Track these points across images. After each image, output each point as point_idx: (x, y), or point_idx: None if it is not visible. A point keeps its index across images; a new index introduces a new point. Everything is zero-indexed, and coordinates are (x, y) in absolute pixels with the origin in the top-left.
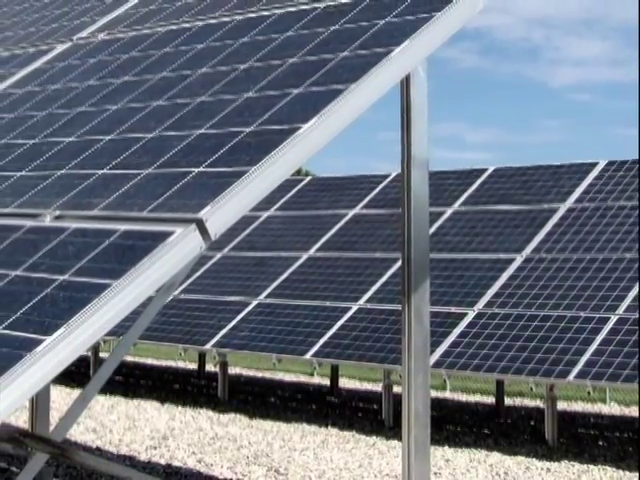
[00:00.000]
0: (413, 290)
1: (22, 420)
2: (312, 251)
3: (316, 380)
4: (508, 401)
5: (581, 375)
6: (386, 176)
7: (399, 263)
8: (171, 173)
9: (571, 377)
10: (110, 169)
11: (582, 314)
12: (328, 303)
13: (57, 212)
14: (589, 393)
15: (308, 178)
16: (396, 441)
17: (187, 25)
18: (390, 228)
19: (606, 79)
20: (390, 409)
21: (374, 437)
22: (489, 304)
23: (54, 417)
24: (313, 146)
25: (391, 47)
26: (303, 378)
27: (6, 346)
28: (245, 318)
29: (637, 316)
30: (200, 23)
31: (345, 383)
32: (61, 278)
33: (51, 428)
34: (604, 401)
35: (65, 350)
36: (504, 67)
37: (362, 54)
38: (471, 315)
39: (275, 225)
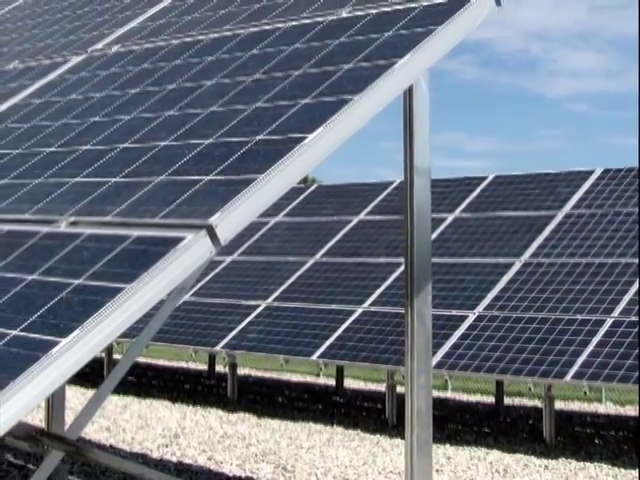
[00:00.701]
0: (416, 294)
1: (38, 419)
2: (318, 256)
3: (322, 380)
4: (507, 401)
5: (578, 376)
6: (390, 183)
7: (402, 268)
8: (182, 181)
9: (568, 377)
10: (123, 177)
11: (579, 317)
12: (334, 306)
13: (72, 218)
14: (585, 393)
15: (314, 185)
16: (399, 439)
17: (197, 38)
18: (394, 234)
19: (601, 90)
20: (393, 408)
21: (378, 435)
22: (489, 307)
23: (69, 416)
24: (319, 155)
25: (394, 59)
26: (309, 379)
27: (23, 348)
28: (253, 321)
29: (632, 319)
30: (209, 36)
31: (350, 383)
32: (76, 282)
33: (66, 427)
34: (600, 401)
35: (80, 351)
36: (503, 78)
37: (366, 66)
38: (472, 318)
39: (282, 231)
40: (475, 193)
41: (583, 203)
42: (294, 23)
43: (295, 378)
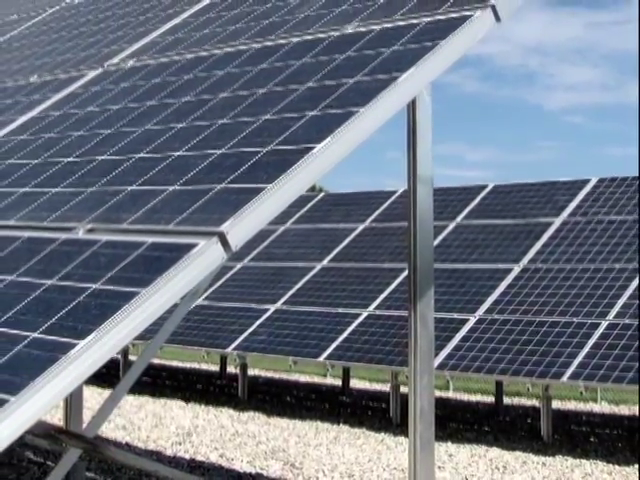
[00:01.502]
0: (419, 297)
1: (57, 418)
2: (325, 262)
3: (329, 381)
4: (507, 400)
5: (574, 376)
6: (394, 192)
7: (406, 273)
8: (195, 190)
9: (565, 378)
10: (138, 185)
11: (575, 320)
12: (340, 310)
13: (89, 225)
14: (581, 393)
15: (322, 194)
16: (403, 437)
17: (209, 53)
18: (397, 240)
19: (596, 102)
20: (397, 408)
21: (382, 433)
22: (489, 311)
23: (87, 415)
24: (326, 164)
25: (398, 73)
26: (317, 379)
27: (43, 349)
28: (263, 323)
29: (626, 321)
30: (221, 51)
31: (356, 384)
32: (93, 287)
33: (84, 425)
34: (595, 400)
35: (97, 353)
36: (502, 91)
37: (371, 80)
38: (472, 321)
39: (291, 237)
40: (476, 201)
41: (579, 211)
42: (301, 39)
43: (303, 379)
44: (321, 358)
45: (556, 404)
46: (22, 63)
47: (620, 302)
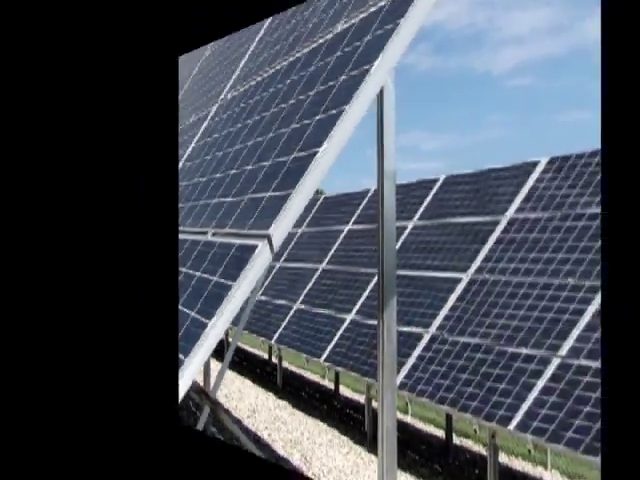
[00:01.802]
0: (385, 307)
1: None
2: (324, 264)
3: (326, 382)
4: (457, 440)
5: (521, 426)
6: (367, 191)
7: (375, 279)
8: (257, 197)
9: (512, 426)
10: (232, 197)
11: (523, 350)
12: (332, 312)
13: (213, 230)
14: (529, 451)
15: (322, 197)
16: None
17: (262, 77)
18: (371, 243)
19: (547, 54)
20: (371, 422)
21: (360, 447)
22: (441, 327)
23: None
24: (325, 166)
25: (370, 64)
26: (319, 379)
27: (195, 325)
28: (290, 320)
29: (582, 362)
30: (267, 74)
31: (344, 390)
32: (214, 279)
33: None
34: (545, 465)
35: (217, 330)
36: (452, 61)
37: (352, 75)
38: (426, 338)
39: (306, 240)
40: (429, 198)
41: (527, 204)
42: (309, 48)
43: (311, 377)
44: (322, 359)
45: (503, 458)
46: (186, 109)
47: (575, 332)
